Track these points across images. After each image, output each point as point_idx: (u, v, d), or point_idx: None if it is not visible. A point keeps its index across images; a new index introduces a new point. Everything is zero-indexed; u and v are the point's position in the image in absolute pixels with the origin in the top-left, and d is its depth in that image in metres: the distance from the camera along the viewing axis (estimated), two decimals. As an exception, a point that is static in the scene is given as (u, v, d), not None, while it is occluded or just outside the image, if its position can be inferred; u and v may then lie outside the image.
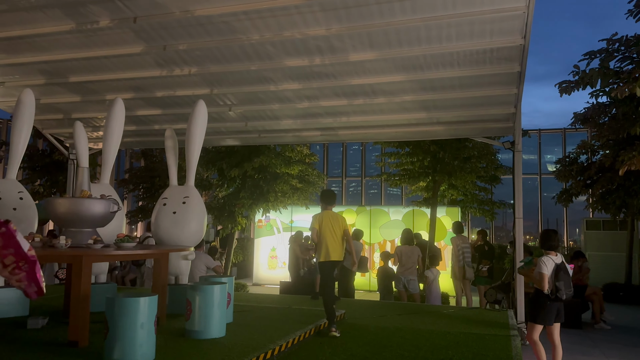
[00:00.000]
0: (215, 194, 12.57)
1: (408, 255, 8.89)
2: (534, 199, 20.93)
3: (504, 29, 5.10)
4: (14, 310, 5.40)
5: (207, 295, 4.63)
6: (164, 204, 5.79)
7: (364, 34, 5.41)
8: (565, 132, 20.48)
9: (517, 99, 6.75)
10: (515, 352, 4.93)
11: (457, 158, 11.34)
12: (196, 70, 6.50)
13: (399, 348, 4.97)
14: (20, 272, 1.69)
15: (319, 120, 8.26)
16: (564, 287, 5.31)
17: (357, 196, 23.63)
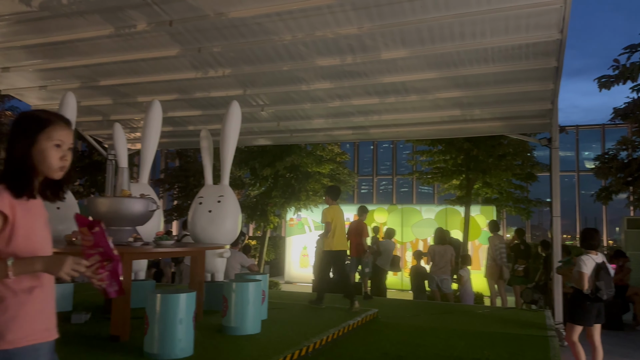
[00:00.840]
0: (248, 193, 12.74)
1: (441, 255, 8.81)
2: (571, 197, 20.36)
3: (541, 23, 5.00)
4: (58, 306, 5.54)
5: (242, 292, 4.70)
6: (200, 202, 5.91)
7: (396, 32, 5.40)
8: (604, 128, 19.85)
9: (553, 94, 6.60)
10: (553, 353, 4.82)
11: (491, 155, 11.14)
12: (230, 72, 6.61)
13: (433, 347, 4.94)
14: (103, 272, 1.77)
15: (350, 119, 8.27)
16: (605, 287, 5.17)
17: (388, 195, 23.50)
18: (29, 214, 1.74)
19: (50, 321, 1.81)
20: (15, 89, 8.04)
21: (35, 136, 1.75)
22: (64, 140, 1.80)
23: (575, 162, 20.45)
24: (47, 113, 1.84)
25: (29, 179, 1.75)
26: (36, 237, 1.75)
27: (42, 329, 1.75)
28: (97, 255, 1.73)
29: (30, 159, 1.74)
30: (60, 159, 1.79)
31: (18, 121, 1.82)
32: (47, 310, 1.79)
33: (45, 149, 1.76)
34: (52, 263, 1.65)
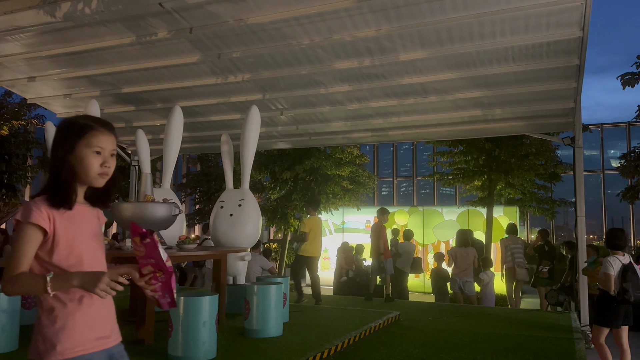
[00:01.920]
0: (268, 196, 12.82)
1: (463, 257, 8.73)
2: (597, 197, 19.95)
3: (561, 21, 4.93)
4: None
5: (264, 295, 4.74)
6: (221, 206, 5.98)
7: (415, 33, 5.38)
8: (629, 125, 19.42)
9: (576, 93, 6.49)
10: (579, 355, 4.74)
11: (514, 156, 11.00)
12: (249, 77, 6.67)
13: (456, 350, 4.89)
14: (156, 283, 1.76)
15: (369, 121, 8.26)
16: (632, 288, 5.07)
17: (408, 196, 23.37)
18: (71, 224, 1.71)
19: (105, 330, 1.77)
20: (41, 97, 8.24)
21: (74, 143, 1.72)
22: (104, 146, 1.75)
23: (601, 160, 20.03)
24: (87, 118, 1.80)
25: (68, 188, 1.71)
26: (80, 248, 1.72)
27: (94, 338, 1.71)
28: (150, 265, 1.70)
29: (69, 167, 1.71)
30: (101, 166, 1.74)
31: (59, 128, 1.79)
32: (100, 319, 1.75)
33: (84, 157, 1.71)
34: (88, 279, 1.60)
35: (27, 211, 1.66)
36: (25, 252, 1.64)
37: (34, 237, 1.65)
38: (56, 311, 1.66)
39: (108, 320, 1.80)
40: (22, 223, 1.66)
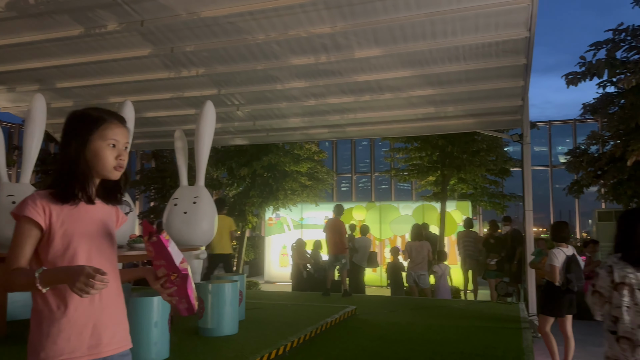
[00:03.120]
0: (226, 193, 12.68)
1: (418, 251, 8.92)
2: (545, 191, 20.78)
3: (509, 21, 5.09)
4: (28, 312, 5.48)
5: (219, 294, 4.69)
6: (174, 204, 5.87)
7: (369, 31, 5.43)
8: (575, 123, 20.29)
9: (524, 91, 6.73)
10: (526, 344, 4.94)
11: (465, 152, 11.32)
12: (203, 71, 6.57)
13: (410, 342, 5.00)
14: (172, 286, 1.64)
15: (326, 117, 8.30)
16: (575, 279, 5.31)
17: (367, 192, 23.63)
18: (72, 220, 1.63)
19: (100, 337, 1.64)
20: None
21: (88, 136, 1.66)
22: (118, 139, 1.70)
23: (549, 156, 20.87)
24: (99, 111, 1.75)
25: (78, 183, 1.64)
26: (77, 245, 1.63)
27: (85, 346, 1.60)
28: (163, 267, 1.60)
29: (83, 161, 1.65)
30: (116, 159, 1.69)
31: (69, 122, 1.72)
32: (93, 326, 1.63)
33: (99, 150, 1.66)
34: (69, 275, 1.47)
35: (23, 205, 1.60)
36: (20, 247, 1.58)
37: (28, 231, 1.59)
38: (42, 315, 1.59)
39: (106, 326, 1.66)
40: (18, 217, 1.60)
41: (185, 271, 1.63)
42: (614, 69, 5.75)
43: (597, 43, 5.91)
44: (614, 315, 2.98)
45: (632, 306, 2.92)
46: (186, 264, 1.65)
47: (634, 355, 2.85)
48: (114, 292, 1.71)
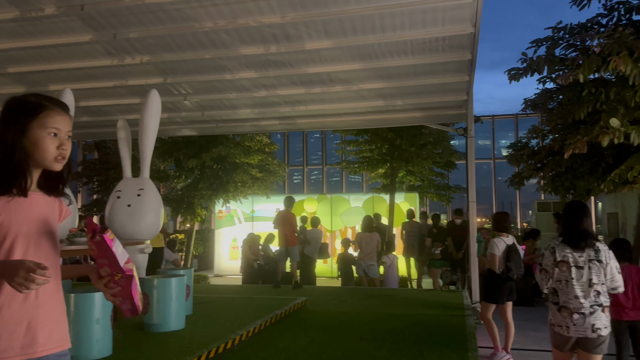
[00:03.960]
0: (173, 185, 12.37)
1: (367, 242, 9.05)
2: (489, 183, 21.60)
3: (455, 17, 5.21)
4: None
5: (165, 288, 4.58)
6: (117, 196, 5.66)
7: (319, 22, 5.41)
8: (517, 117, 21.14)
9: (468, 86, 6.93)
10: (469, 330, 5.12)
11: (413, 145, 11.57)
12: (148, 59, 6.34)
13: (358, 332, 5.08)
14: (115, 286, 1.55)
15: (277, 109, 8.24)
16: (515, 267, 5.54)
17: (319, 184, 23.74)
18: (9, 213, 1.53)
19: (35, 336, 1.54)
20: None
21: (27, 124, 1.56)
22: (60, 127, 1.61)
23: (492, 150, 21.67)
24: (39, 97, 1.65)
25: (17, 172, 1.54)
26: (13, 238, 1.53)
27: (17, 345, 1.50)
28: (107, 267, 1.53)
29: (21, 151, 1.54)
30: (58, 149, 1.58)
31: (5, 108, 1.61)
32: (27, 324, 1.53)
33: (39, 139, 1.56)
34: (7, 269, 1.40)
35: None
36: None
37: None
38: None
39: (42, 325, 1.57)
40: None
41: (130, 272, 1.58)
42: (553, 65, 6.01)
43: (537, 40, 6.16)
44: (555, 289, 3.57)
45: (569, 280, 3.49)
46: (131, 264, 1.60)
47: (572, 320, 3.44)
48: (52, 288, 1.61)
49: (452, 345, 4.50)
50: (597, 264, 3.51)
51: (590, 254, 3.53)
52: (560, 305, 3.52)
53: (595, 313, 3.43)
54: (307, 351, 4.34)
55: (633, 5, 6.22)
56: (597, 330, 3.41)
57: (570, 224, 3.65)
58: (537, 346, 6.30)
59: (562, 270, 3.53)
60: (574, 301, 3.46)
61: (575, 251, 3.53)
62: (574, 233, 3.59)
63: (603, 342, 3.45)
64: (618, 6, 6.33)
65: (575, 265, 3.50)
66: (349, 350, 4.36)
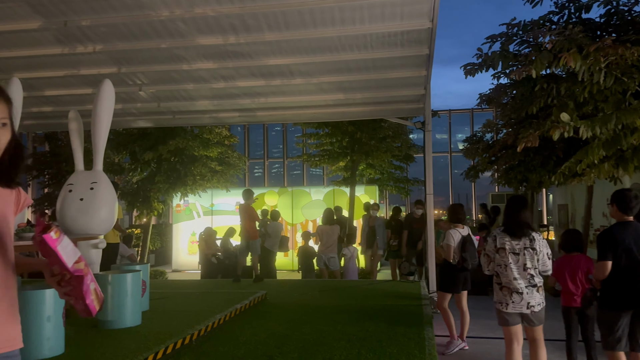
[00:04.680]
0: (128, 178, 12.04)
1: (328, 234, 9.09)
2: (445, 176, 22.09)
3: (413, 12, 5.27)
4: None
5: (120, 284, 4.47)
6: (69, 190, 5.45)
7: (279, 14, 5.36)
8: (473, 112, 21.69)
9: (426, 80, 7.04)
10: (426, 319, 5.24)
11: (373, 138, 11.68)
12: (102, 48, 6.12)
13: (318, 323, 5.10)
14: (67, 285, 1.44)
15: (236, 101, 8.13)
16: (470, 258, 5.70)
17: (280, 177, 23.66)
18: None
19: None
20: None
21: None
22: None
23: (449, 143, 22.17)
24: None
25: None
26: None
27: None
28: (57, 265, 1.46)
29: None
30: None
31: None
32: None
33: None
34: None
35: None
36: None
37: None
38: None
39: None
40: None
41: (80, 272, 1.49)
42: (507, 61, 6.17)
43: (492, 36, 6.31)
44: (497, 272, 4.07)
45: (508, 264, 4.01)
46: (82, 264, 1.51)
47: (512, 298, 3.96)
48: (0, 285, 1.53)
49: (410, 334, 4.59)
50: (531, 251, 3.99)
51: (526, 243, 4.01)
52: (502, 285, 4.04)
53: (530, 293, 3.96)
54: (267, 344, 4.33)
55: (582, 4, 6.46)
56: (532, 307, 3.96)
57: (510, 216, 4.13)
58: (492, 334, 6.50)
59: (501, 255, 4.03)
60: (512, 282, 3.97)
61: (513, 239, 4.02)
62: (513, 224, 4.07)
63: (539, 316, 4.01)
64: (568, 4, 6.56)
65: (512, 251, 4.01)
66: (309, 342, 4.37)
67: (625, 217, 3.94)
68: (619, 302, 3.83)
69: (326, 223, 9.29)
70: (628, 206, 3.92)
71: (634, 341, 3.86)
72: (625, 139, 5.34)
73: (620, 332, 3.83)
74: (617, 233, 3.86)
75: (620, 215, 3.96)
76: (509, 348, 4.11)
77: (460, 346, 5.77)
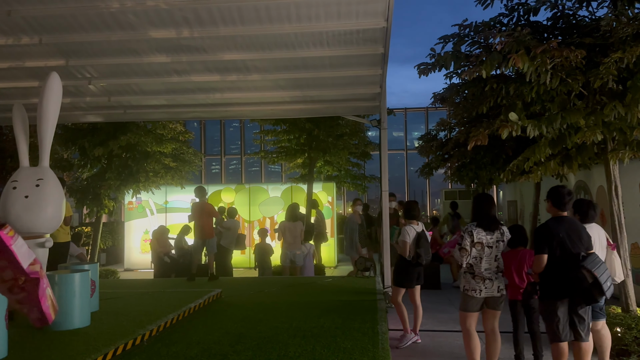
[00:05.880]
0: (78, 174, 11.60)
1: (291, 230, 8.99)
2: (401, 173, 22.49)
3: (368, 11, 5.32)
4: None
5: (67, 284, 4.30)
6: (13, 187, 5.19)
7: (234, 8, 5.29)
8: (427, 111, 22.16)
9: (382, 79, 7.13)
10: (380, 314, 5.32)
11: (331, 135, 11.74)
12: (48, 39, 5.88)
13: (274, 321, 5.10)
14: (20, 292, 1.31)
15: (190, 96, 7.98)
16: (424, 253, 5.83)
17: (238, 174, 23.44)
18: None
19: None
20: None
21: None
22: None
23: (405, 141, 22.58)
24: None
25: None
26: None
27: None
28: (9, 270, 1.32)
29: None
30: None
31: None
32: None
33: None
34: None
35: None
36: None
37: None
38: None
39: None
40: None
41: (36, 274, 1.41)
42: (458, 61, 6.30)
43: (445, 37, 6.43)
44: (471, 264, 4.42)
45: (483, 256, 4.39)
46: (37, 266, 1.42)
47: (484, 284, 4.39)
48: None
49: (364, 329, 4.65)
50: (502, 243, 4.47)
51: (498, 236, 4.45)
52: (475, 274, 4.42)
53: (498, 278, 4.46)
54: (221, 343, 4.29)
55: (531, 7, 6.68)
56: (501, 290, 4.47)
57: (481, 212, 4.50)
58: (444, 327, 6.68)
59: (477, 249, 4.39)
60: (485, 272, 4.40)
61: (488, 234, 4.40)
62: (486, 219, 4.45)
63: (503, 300, 4.52)
64: (518, 7, 6.78)
65: (487, 245, 4.40)
66: (264, 340, 4.36)
67: (559, 213, 4.16)
68: (555, 291, 4.03)
69: (290, 219, 9.17)
70: (562, 202, 4.15)
71: (575, 331, 4.06)
72: (569, 138, 5.59)
73: (561, 321, 4.02)
74: (552, 227, 4.06)
75: (555, 211, 4.18)
76: (470, 334, 4.52)
77: (413, 339, 5.90)
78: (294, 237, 8.97)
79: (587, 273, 3.87)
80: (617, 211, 5.84)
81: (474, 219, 4.52)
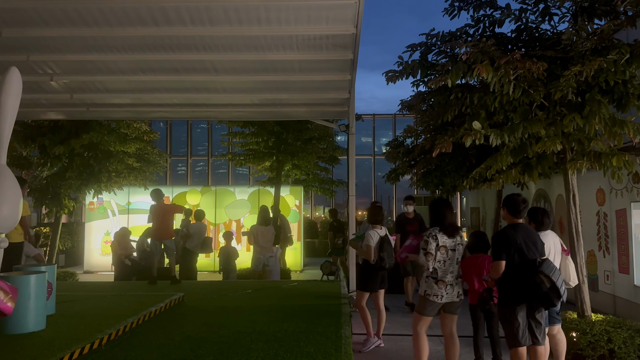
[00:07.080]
0: (37, 173, 11.22)
1: (264, 234, 8.85)
2: (369, 178, 22.69)
3: (338, 17, 5.36)
4: None
5: (22, 286, 4.15)
6: (-34, 185, 4.99)
7: (202, 8, 5.24)
8: (395, 117, 22.45)
9: (350, 84, 7.19)
10: (344, 318, 5.34)
11: (299, 139, 11.74)
12: (8, 33, 5.68)
13: (237, 325, 5.04)
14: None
15: (156, 95, 7.85)
16: (387, 257, 5.87)
17: (204, 176, 23.14)
18: None
19: None
20: None
21: None
22: None
23: (373, 147, 22.80)
24: None
25: None
26: None
27: None
28: None
29: None
30: None
31: None
32: None
33: None
34: None
35: None
36: None
37: None
38: None
39: None
40: None
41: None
42: (425, 69, 6.42)
43: (412, 45, 6.54)
44: (435, 268, 4.44)
45: (446, 260, 4.45)
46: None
47: (445, 290, 4.41)
48: None
49: (327, 333, 4.65)
50: (461, 247, 4.56)
51: (458, 240, 4.54)
52: (438, 279, 4.45)
53: (458, 284, 4.54)
54: (181, 348, 4.21)
55: (496, 19, 6.87)
56: (460, 295, 4.52)
57: (442, 217, 4.56)
58: (407, 331, 6.74)
59: (442, 253, 4.45)
60: (448, 276, 4.44)
61: (450, 238, 4.49)
62: (447, 224, 4.52)
63: (460, 304, 4.56)
64: (483, 19, 6.95)
65: (451, 249, 4.48)
66: (226, 345, 4.31)
67: (515, 220, 4.28)
68: (514, 297, 4.13)
69: (262, 223, 8.99)
70: (517, 209, 4.27)
71: (533, 335, 4.17)
72: (530, 147, 5.75)
73: (520, 326, 4.12)
74: (510, 234, 4.17)
75: (511, 218, 4.30)
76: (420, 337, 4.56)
77: (376, 343, 5.93)
78: (267, 241, 8.83)
79: (545, 278, 3.99)
80: (575, 219, 6.04)
81: (436, 223, 4.56)
